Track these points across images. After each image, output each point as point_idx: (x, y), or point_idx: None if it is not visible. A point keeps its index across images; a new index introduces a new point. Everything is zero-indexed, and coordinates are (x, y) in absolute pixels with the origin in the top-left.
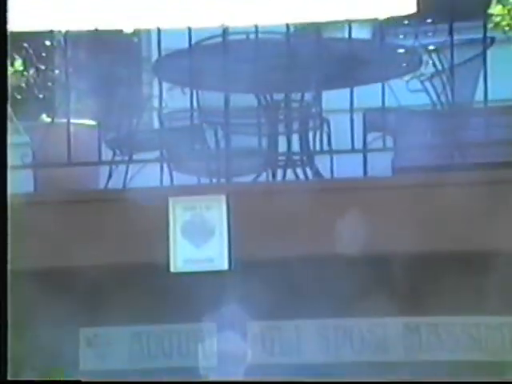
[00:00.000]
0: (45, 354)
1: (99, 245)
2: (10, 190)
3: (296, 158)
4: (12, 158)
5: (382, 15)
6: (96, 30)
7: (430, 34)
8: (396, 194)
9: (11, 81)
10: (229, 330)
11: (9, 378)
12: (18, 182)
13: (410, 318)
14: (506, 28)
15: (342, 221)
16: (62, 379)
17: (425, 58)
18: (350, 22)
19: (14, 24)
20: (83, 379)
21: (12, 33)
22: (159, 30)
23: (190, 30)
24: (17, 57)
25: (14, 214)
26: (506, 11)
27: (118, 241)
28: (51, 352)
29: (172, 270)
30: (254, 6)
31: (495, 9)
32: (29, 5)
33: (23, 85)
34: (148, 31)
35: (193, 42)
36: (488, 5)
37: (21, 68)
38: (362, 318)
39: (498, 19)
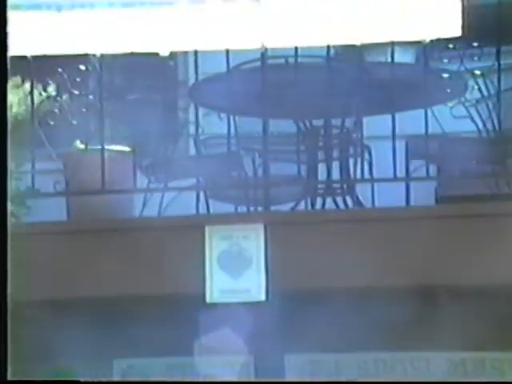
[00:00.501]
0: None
1: (134, 275)
2: (42, 218)
3: (336, 186)
4: (44, 185)
5: (426, 38)
6: (132, 53)
7: (475, 57)
8: (439, 225)
9: (44, 107)
10: (266, 363)
11: (9, 378)
12: (51, 210)
13: (454, 353)
14: None
15: (384, 252)
16: (62, 379)
17: (470, 82)
18: (392, 46)
19: (48, 48)
20: None
21: (46, 57)
22: (196, 54)
23: (227, 53)
24: (50, 82)
25: (46, 243)
26: None
27: (153, 271)
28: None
29: (208, 300)
30: (294, 28)
31: None
32: (63, 28)
33: (56, 110)
34: (185, 54)
35: (231, 65)
36: None
37: (54, 93)
38: (404, 352)
39: None
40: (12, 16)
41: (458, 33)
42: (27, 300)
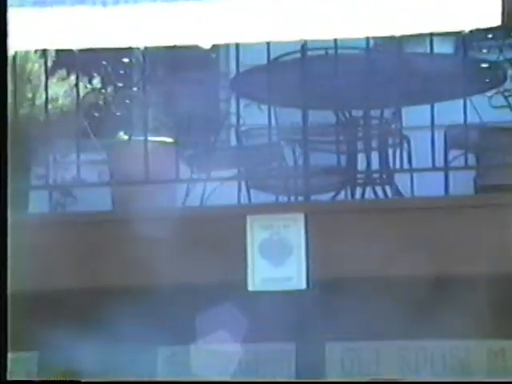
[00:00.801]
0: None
1: (177, 263)
2: (88, 208)
3: (375, 176)
4: (90, 176)
5: (465, 28)
6: (174, 46)
7: None
8: (478, 214)
9: (89, 99)
10: (307, 351)
11: (9, 378)
12: (95, 201)
13: (494, 341)
14: None
15: (423, 241)
16: (62, 379)
17: (509, 72)
18: (431, 36)
19: (93, 41)
20: None
21: (90, 50)
22: (237, 46)
23: (268, 45)
24: (95, 74)
25: (90, 232)
26: None
27: (195, 259)
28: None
29: (250, 288)
30: (334, 20)
31: None
32: (108, 22)
33: (101, 102)
34: (226, 47)
35: (271, 57)
36: None
37: (99, 86)
38: (444, 340)
39: None
40: (58, 11)
41: (497, 22)
42: (66, 285)
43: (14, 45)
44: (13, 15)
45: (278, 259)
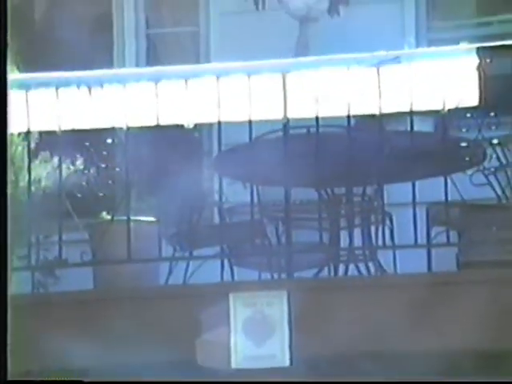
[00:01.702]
0: None
1: (161, 342)
2: (69, 288)
3: (358, 252)
4: (72, 256)
5: (445, 108)
6: (157, 125)
7: (493, 126)
8: (462, 290)
9: (72, 179)
10: None
11: (9, 378)
12: (77, 280)
13: None
14: None
15: (407, 317)
16: (62, 379)
17: (488, 151)
18: (411, 115)
19: (76, 122)
20: None
21: (74, 131)
22: (219, 125)
23: (250, 124)
24: (78, 155)
25: (73, 312)
26: None
27: (178, 338)
28: None
29: (233, 366)
30: (315, 99)
31: None
32: (90, 104)
33: (84, 183)
34: (209, 126)
35: (253, 136)
36: None
37: (81, 167)
38: None
39: None
40: (39, 93)
41: (475, 102)
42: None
43: None
44: None
45: (261, 337)
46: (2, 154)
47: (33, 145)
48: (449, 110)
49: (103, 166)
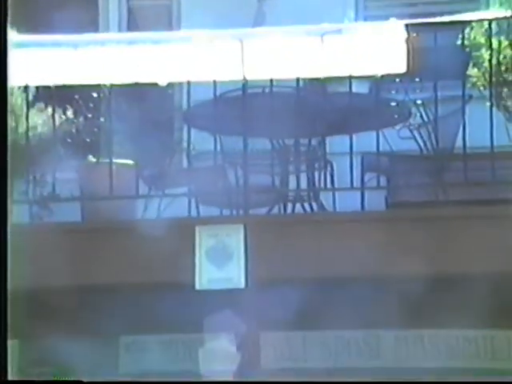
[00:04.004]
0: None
1: (137, 266)
2: (61, 219)
3: (304, 194)
4: (63, 192)
5: (378, 73)
6: (136, 83)
7: (417, 90)
8: (389, 226)
9: (64, 127)
10: (244, 340)
11: (9, 378)
12: (68, 213)
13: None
14: (481, 87)
15: (342, 248)
16: (62, 379)
17: (413, 110)
18: (350, 78)
19: (67, 79)
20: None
21: (65, 86)
22: (189, 84)
23: (215, 84)
24: (68, 107)
25: (64, 239)
26: (480, 74)
27: (151, 263)
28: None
29: (197, 287)
30: (270, 63)
31: (472, 71)
32: (79, 63)
33: (73, 130)
34: (180, 84)
35: (217, 94)
36: (466, 67)
37: (71, 116)
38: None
39: (474, 80)
40: (36, 53)
41: (403, 69)
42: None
43: None
44: None
45: (221, 263)
46: (2, 156)
47: (30, 97)
48: (381, 75)
49: (90, 116)
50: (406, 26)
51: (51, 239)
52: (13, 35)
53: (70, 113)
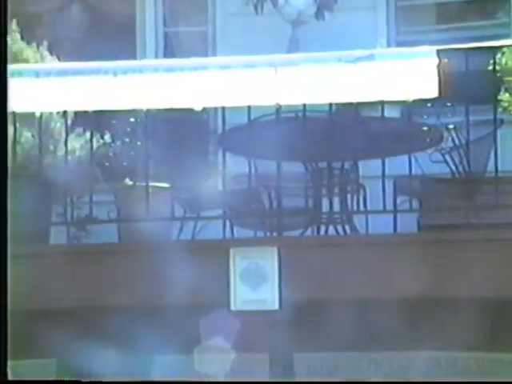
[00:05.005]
0: None
1: (172, 287)
2: (98, 240)
3: (337, 216)
4: (100, 214)
5: (410, 98)
6: (172, 108)
7: (449, 114)
8: (421, 249)
9: (101, 151)
10: (278, 361)
11: (9, 378)
12: (105, 234)
13: None
14: None
15: (376, 270)
16: (62, 379)
17: (445, 134)
18: (382, 104)
19: (106, 104)
20: None
21: (103, 111)
22: (224, 109)
23: (249, 108)
24: (106, 131)
25: (101, 260)
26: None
27: (187, 284)
28: None
29: (232, 308)
30: (303, 88)
31: (504, 96)
32: (117, 89)
33: (111, 154)
34: (215, 109)
35: (251, 118)
36: (497, 93)
37: (109, 140)
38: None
39: (505, 104)
40: (78, 79)
41: (435, 94)
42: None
43: (40, 107)
44: (41, 83)
45: (255, 284)
46: (2, 158)
47: (69, 122)
48: (413, 100)
49: (127, 140)
50: (438, 51)
51: (88, 260)
52: (52, 63)
53: (107, 137)
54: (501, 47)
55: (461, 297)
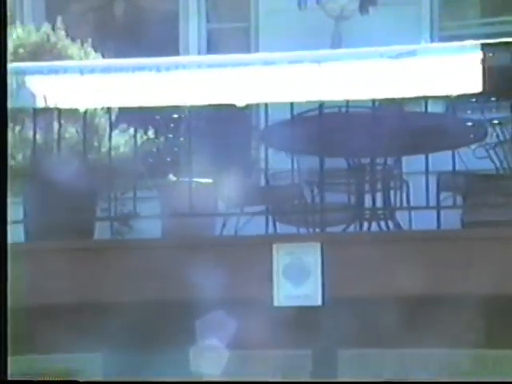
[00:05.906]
0: None
1: (215, 282)
2: (141, 236)
3: (379, 212)
4: (144, 210)
5: (454, 93)
6: (215, 104)
7: (493, 109)
8: (465, 245)
9: (145, 147)
10: (322, 357)
11: (9, 378)
12: (147, 229)
13: None
14: None
15: (417, 266)
16: (62, 379)
17: (489, 130)
18: (426, 99)
19: (149, 100)
20: None
21: (147, 108)
22: (266, 104)
23: (292, 104)
24: (150, 127)
25: (144, 255)
26: None
27: (230, 280)
28: None
29: (275, 304)
30: (346, 84)
31: None
32: (160, 85)
33: (154, 150)
34: (257, 105)
35: (294, 113)
36: None
37: (153, 136)
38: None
39: None
40: (122, 76)
41: (479, 89)
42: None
43: (85, 103)
44: (85, 80)
45: (298, 280)
46: (2, 157)
47: (113, 118)
48: (457, 95)
49: (170, 136)
50: (482, 45)
51: (131, 255)
52: (96, 60)
53: (151, 133)
54: None
55: (502, 295)
